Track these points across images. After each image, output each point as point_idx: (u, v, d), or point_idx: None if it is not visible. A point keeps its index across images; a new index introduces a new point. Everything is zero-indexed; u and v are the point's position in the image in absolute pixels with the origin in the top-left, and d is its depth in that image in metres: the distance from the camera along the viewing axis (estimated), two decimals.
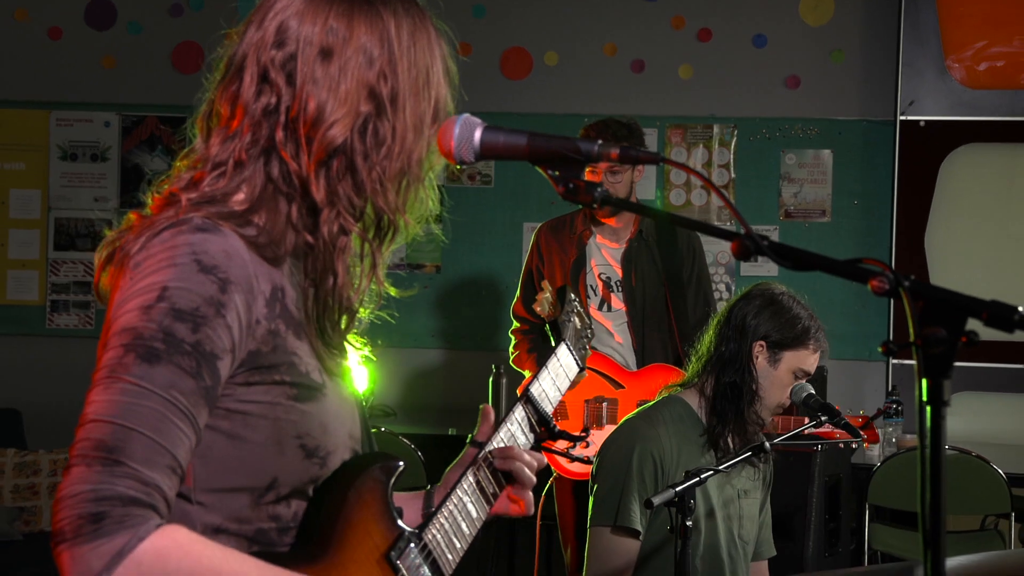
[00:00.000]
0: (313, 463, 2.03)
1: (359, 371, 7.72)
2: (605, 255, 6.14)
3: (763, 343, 3.98)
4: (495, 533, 7.79)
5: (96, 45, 8.48)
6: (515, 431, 2.49)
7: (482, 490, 2.36)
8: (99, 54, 8.46)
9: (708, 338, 4.08)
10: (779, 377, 3.98)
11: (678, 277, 6.09)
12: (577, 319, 2.90)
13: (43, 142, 8.56)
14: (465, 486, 2.33)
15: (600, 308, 6.15)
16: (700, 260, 6.20)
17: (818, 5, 8.19)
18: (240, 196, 1.96)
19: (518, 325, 6.30)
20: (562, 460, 6.03)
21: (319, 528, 2.04)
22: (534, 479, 2.38)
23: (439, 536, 2.23)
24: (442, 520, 2.26)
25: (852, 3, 8.17)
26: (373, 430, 8.14)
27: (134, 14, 8.44)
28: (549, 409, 2.59)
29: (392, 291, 2.12)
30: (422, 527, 2.21)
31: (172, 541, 1.78)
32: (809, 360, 4.00)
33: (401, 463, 2.24)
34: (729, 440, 4.00)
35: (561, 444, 3.82)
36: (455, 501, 2.31)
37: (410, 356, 8.29)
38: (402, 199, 2.05)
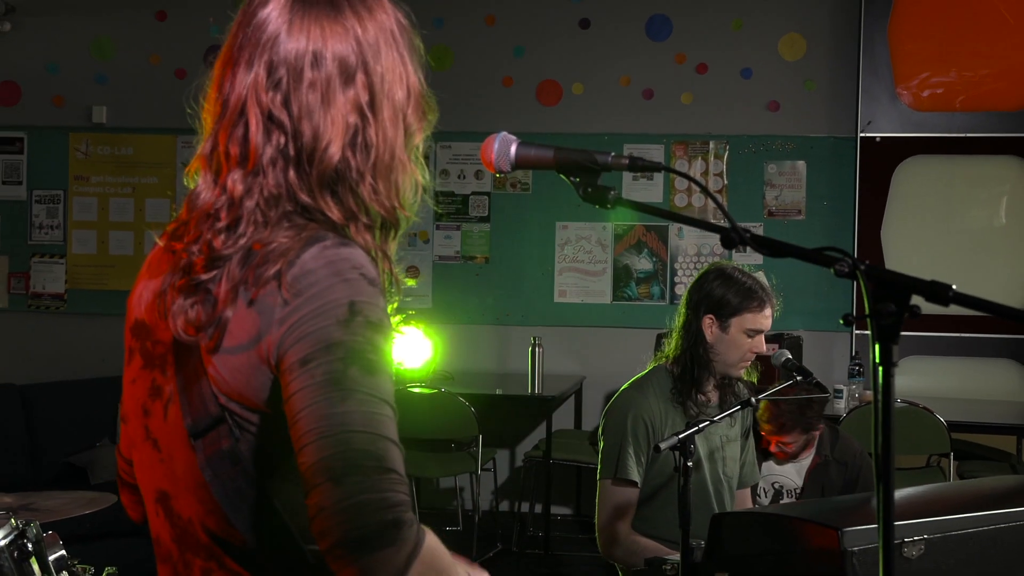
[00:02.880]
0: None
1: (425, 344, 7.63)
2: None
3: (712, 315, 3.96)
4: (534, 470, 7.79)
5: None
6: None
7: None
8: None
9: (679, 316, 4.07)
10: (732, 339, 3.94)
11: None
12: None
13: (171, 160, 8.60)
14: None
15: None
16: None
17: (794, 44, 8.15)
18: (283, 225, 1.73)
19: None
20: None
21: None
22: None
23: None
24: None
25: (821, 43, 8.13)
26: (434, 391, 8.04)
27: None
28: None
29: (410, 282, 1.88)
30: None
31: (434, 540, 1.65)
32: (756, 320, 3.95)
33: None
34: (699, 397, 4.00)
35: None
36: None
37: (465, 331, 8.30)
38: (395, 192, 1.80)
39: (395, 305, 1.82)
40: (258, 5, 1.80)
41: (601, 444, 4.04)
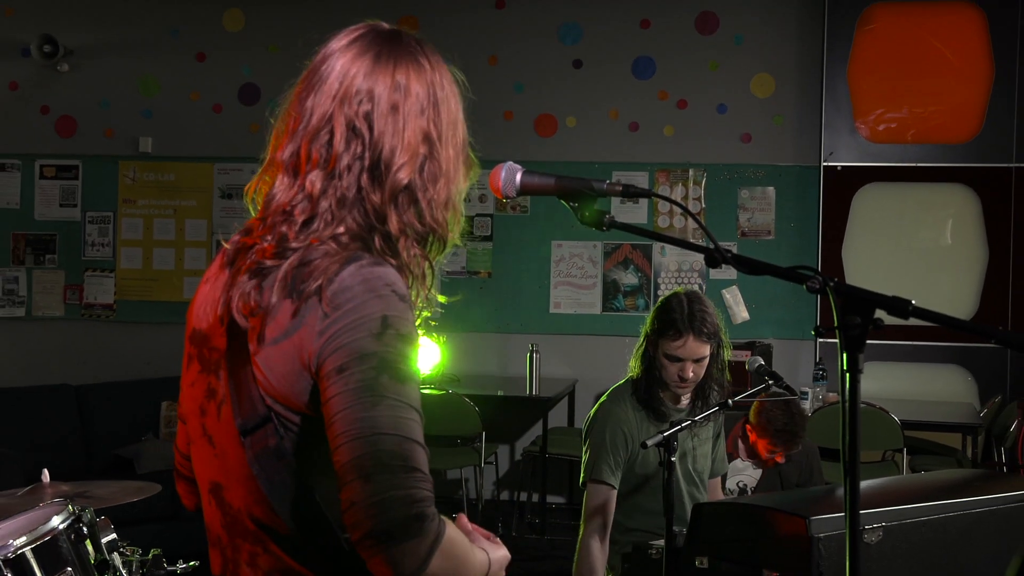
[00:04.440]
0: None
1: (435, 350, 7.58)
2: None
3: (648, 337, 3.94)
4: (532, 464, 7.78)
5: (246, 116, 8.51)
6: None
7: None
8: (248, 122, 8.49)
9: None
10: (659, 360, 3.89)
11: None
12: None
13: (209, 185, 8.60)
14: None
15: None
16: None
17: (764, 83, 8.15)
18: (342, 230, 1.73)
19: None
20: None
21: None
22: None
23: None
24: None
25: (789, 82, 8.14)
26: (442, 392, 8.00)
27: (273, 94, 8.40)
28: None
29: (441, 299, 1.87)
30: None
31: (453, 530, 1.66)
32: (671, 348, 3.84)
33: None
34: (659, 407, 3.95)
35: None
36: None
37: (470, 338, 8.28)
38: (447, 219, 1.82)
39: (427, 315, 1.85)
40: (346, 42, 1.83)
41: (585, 451, 4.01)
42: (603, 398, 4.07)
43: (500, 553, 1.85)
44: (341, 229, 1.73)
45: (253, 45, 8.53)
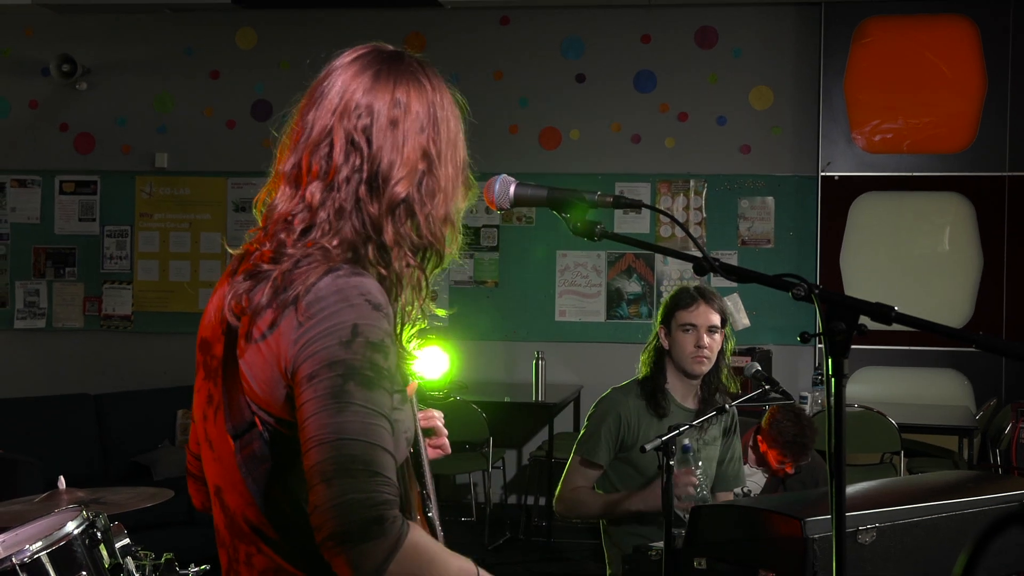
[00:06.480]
0: (409, 450, 1.85)
1: (444, 359, 7.55)
2: None
3: (663, 326, 4.05)
4: (538, 468, 7.77)
5: (258, 131, 8.53)
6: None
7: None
8: (260, 137, 8.50)
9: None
10: (677, 338, 4.01)
11: None
12: None
13: (222, 199, 8.62)
14: (425, 445, 2.12)
15: None
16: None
17: (763, 95, 8.15)
18: (336, 241, 1.73)
19: None
20: None
21: (404, 499, 1.76)
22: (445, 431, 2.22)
23: (430, 492, 2.04)
24: (428, 478, 2.05)
25: (786, 94, 8.14)
26: (452, 399, 7.95)
27: (283, 109, 8.46)
28: None
29: (440, 312, 1.87)
30: (422, 487, 2.01)
31: (418, 534, 1.63)
32: (686, 316, 3.99)
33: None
34: (663, 401, 4.02)
35: None
36: (426, 457, 2.08)
37: (477, 346, 8.29)
38: (445, 235, 1.82)
39: (422, 326, 1.85)
40: (348, 60, 1.84)
41: (584, 427, 4.13)
42: (616, 387, 4.17)
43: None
44: (336, 240, 1.73)
45: (265, 62, 8.55)
